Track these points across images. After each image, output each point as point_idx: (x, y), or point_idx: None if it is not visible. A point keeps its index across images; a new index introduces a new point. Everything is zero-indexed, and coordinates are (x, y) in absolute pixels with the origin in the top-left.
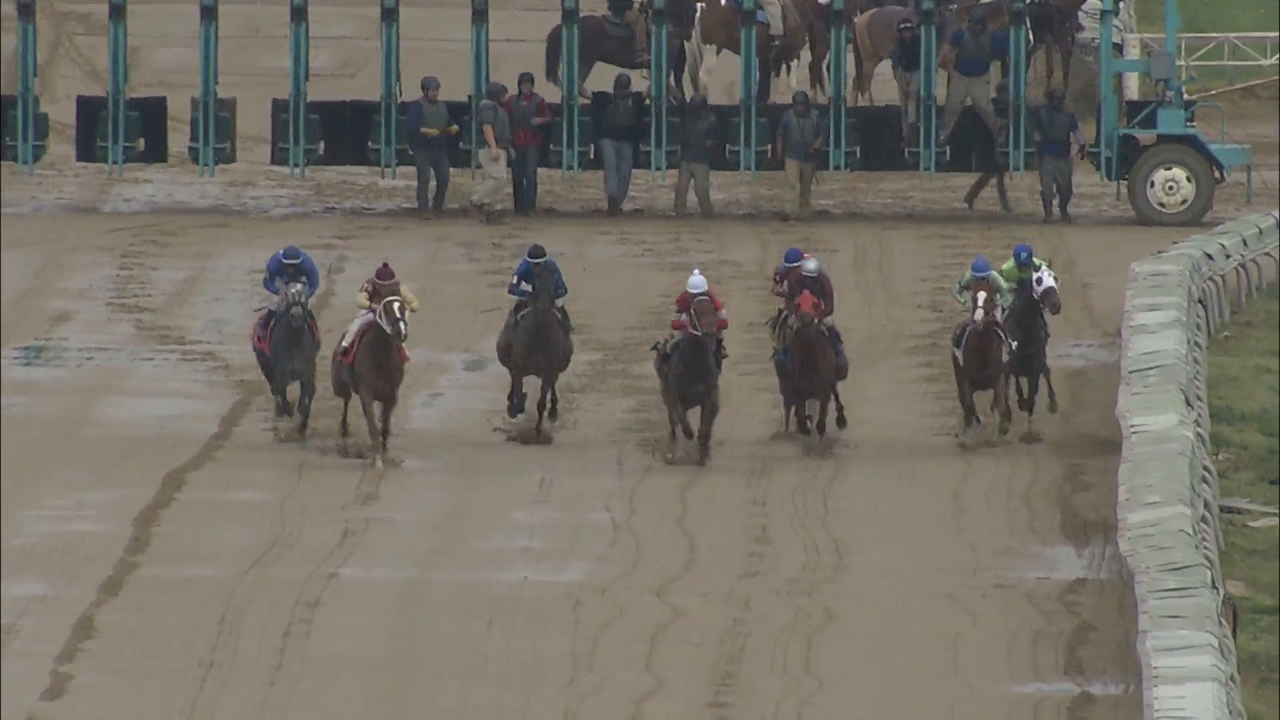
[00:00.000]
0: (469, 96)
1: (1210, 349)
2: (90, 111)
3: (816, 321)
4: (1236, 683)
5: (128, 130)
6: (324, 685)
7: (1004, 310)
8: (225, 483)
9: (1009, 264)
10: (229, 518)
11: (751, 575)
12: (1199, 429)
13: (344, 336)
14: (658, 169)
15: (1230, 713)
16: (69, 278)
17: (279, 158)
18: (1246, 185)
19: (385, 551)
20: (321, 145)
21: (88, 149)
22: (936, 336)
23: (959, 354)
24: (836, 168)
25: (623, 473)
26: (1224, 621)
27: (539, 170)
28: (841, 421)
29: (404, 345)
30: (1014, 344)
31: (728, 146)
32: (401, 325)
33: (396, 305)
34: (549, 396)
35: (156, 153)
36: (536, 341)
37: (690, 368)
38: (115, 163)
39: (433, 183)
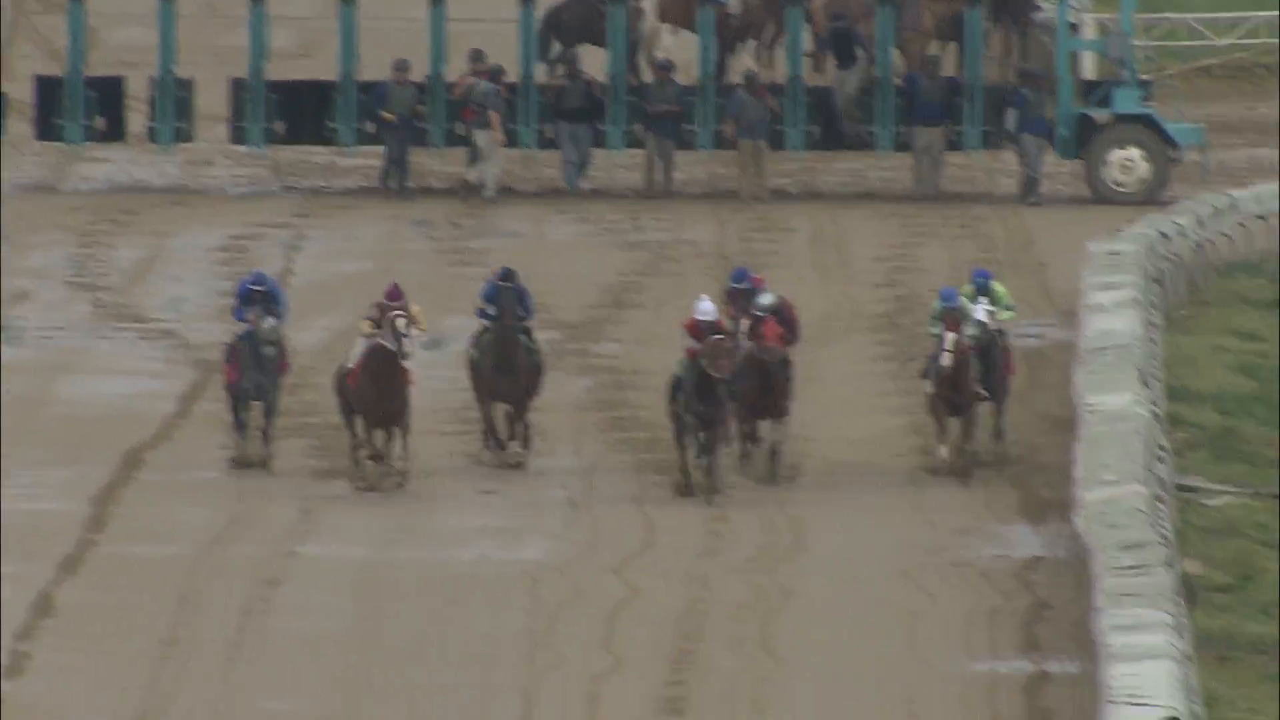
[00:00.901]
0: (426, 77)
1: (1166, 328)
2: (49, 91)
3: (783, 354)
4: (1193, 661)
5: (86, 109)
6: (283, 663)
7: (972, 337)
8: (184, 461)
9: (967, 287)
10: (188, 496)
11: (710, 554)
12: (1155, 408)
13: (348, 360)
14: (615, 148)
15: (1186, 691)
16: (27, 257)
17: (238, 137)
18: (1202, 165)
19: (344, 530)
20: (280, 124)
21: (46, 128)
22: (894, 315)
23: (928, 385)
24: (794, 147)
25: (581, 452)
26: (1180, 599)
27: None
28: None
29: (408, 366)
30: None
31: (684, 126)
32: (406, 343)
33: (401, 321)
34: (521, 426)
35: (115, 132)
36: (502, 362)
37: (700, 396)
38: (74, 142)
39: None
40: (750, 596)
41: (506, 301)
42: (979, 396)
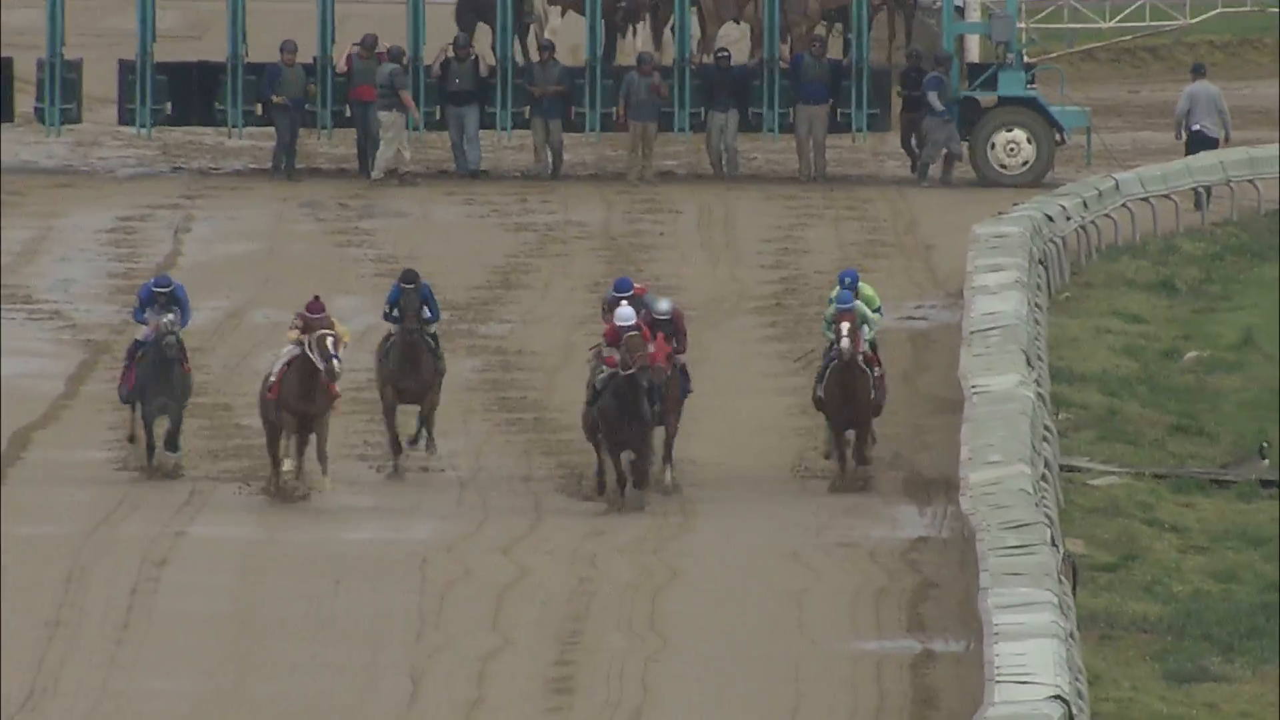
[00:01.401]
0: (314, 59)
1: (1051, 310)
2: None
3: (668, 374)
4: (1076, 639)
5: None
6: (171, 642)
7: (868, 341)
8: (72, 442)
9: (835, 290)
10: (76, 476)
11: (597, 534)
12: (1040, 389)
13: (270, 370)
14: (503, 129)
15: (1070, 669)
16: None
17: (126, 118)
18: (1086, 147)
19: (232, 510)
20: (168, 106)
21: None
22: (780, 296)
23: (820, 389)
24: (681, 129)
25: (469, 432)
26: (1064, 579)
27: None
28: (668, 457)
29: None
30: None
31: (574, 109)
32: (335, 363)
33: (330, 340)
34: (424, 430)
35: (3, 113)
36: (407, 364)
37: (623, 409)
38: None
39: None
40: (637, 576)
41: (410, 304)
42: (876, 408)
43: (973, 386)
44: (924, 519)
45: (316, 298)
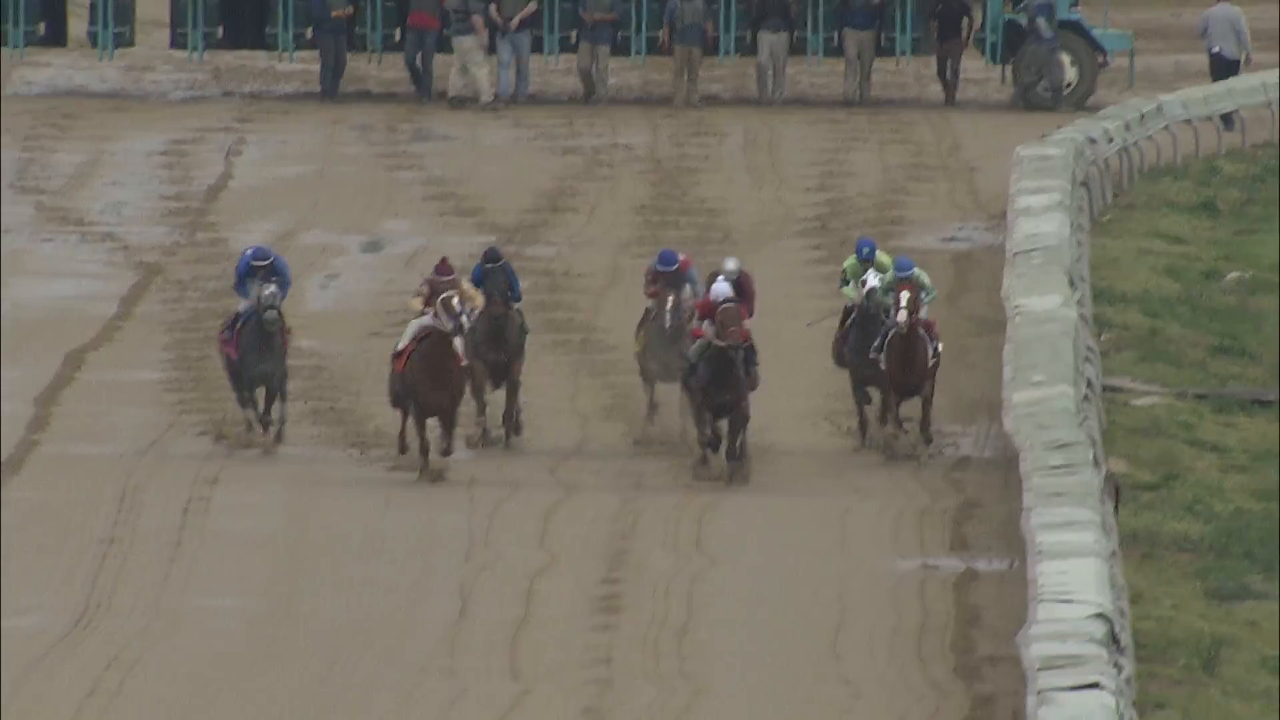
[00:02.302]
0: None
1: (1093, 231)
2: None
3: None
4: (1118, 558)
5: (28, 14)
6: (223, 561)
7: (927, 303)
8: (125, 362)
9: (849, 261)
10: (129, 397)
11: (643, 454)
12: (1082, 310)
13: (399, 340)
14: (551, 54)
15: (1112, 588)
16: None
17: (178, 42)
18: (1129, 70)
19: (289, 430)
20: (220, 29)
21: None
22: (825, 219)
23: (880, 357)
24: (726, 53)
25: None
26: (1106, 498)
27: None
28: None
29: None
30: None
31: (619, 32)
32: (464, 320)
33: (455, 300)
34: (514, 409)
35: (56, 37)
36: (491, 342)
37: (717, 378)
38: (16, 46)
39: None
40: (682, 497)
41: (495, 285)
42: (932, 371)
43: (1015, 307)
44: (967, 439)
45: (445, 260)
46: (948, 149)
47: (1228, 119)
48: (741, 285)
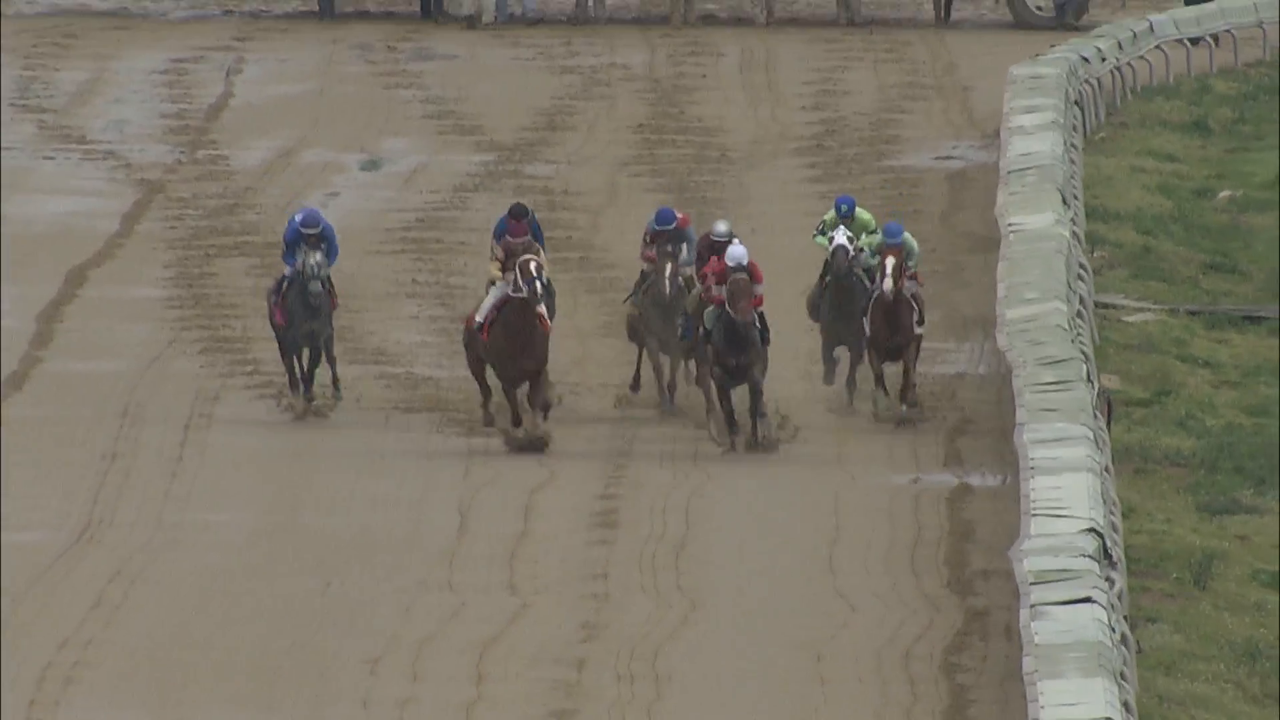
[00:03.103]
0: None
1: (1086, 150)
2: None
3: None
4: (1111, 473)
5: None
6: (224, 476)
7: (912, 268)
8: (127, 279)
9: (830, 214)
10: (130, 313)
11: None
12: (1075, 227)
13: (478, 308)
14: None
15: (1104, 502)
16: None
17: None
18: None
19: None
20: None
21: None
22: (821, 138)
23: (870, 321)
24: None
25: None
26: (1099, 414)
27: None
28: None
29: (544, 313)
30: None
31: None
32: (538, 285)
33: (533, 264)
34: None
35: None
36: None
37: (731, 344)
38: None
39: None
40: (679, 415)
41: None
42: (918, 337)
43: (1009, 225)
44: (961, 355)
45: (517, 219)
46: (942, 68)
47: (1196, 40)
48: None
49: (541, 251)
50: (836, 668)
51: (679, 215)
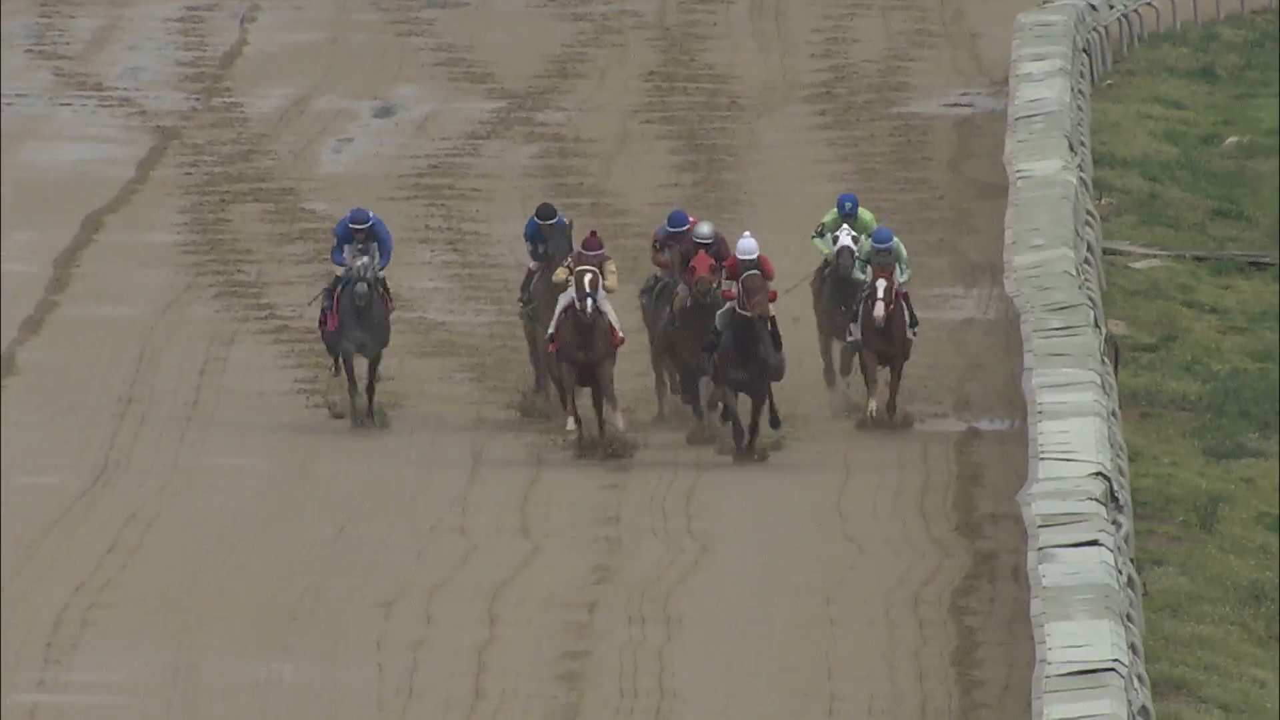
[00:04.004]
0: None
1: (1093, 96)
2: None
3: (715, 287)
4: (1118, 417)
5: None
6: (239, 420)
7: (904, 282)
8: (143, 225)
9: (830, 214)
10: (146, 259)
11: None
12: (1082, 174)
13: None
14: None
15: (1111, 446)
16: None
17: None
18: None
19: (303, 293)
20: None
21: None
22: (830, 85)
23: (856, 332)
24: None
25: (526, 218)
26: (1106, 359)
27: None
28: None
29: (616, 326)
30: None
31: None
32: (589, 302)
33: (588, 278)
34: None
35: None
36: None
37: (740, 350)
38: None
39: None
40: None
41: (557, 242)
42: (909, 342)
43: (1017, 172)
44: (970, 301)
45: (594, 233)
46: (951, 15)
47: None
48: (717, 246)
49: (606, 265)
50: (846, 611)
51: (691, 219)
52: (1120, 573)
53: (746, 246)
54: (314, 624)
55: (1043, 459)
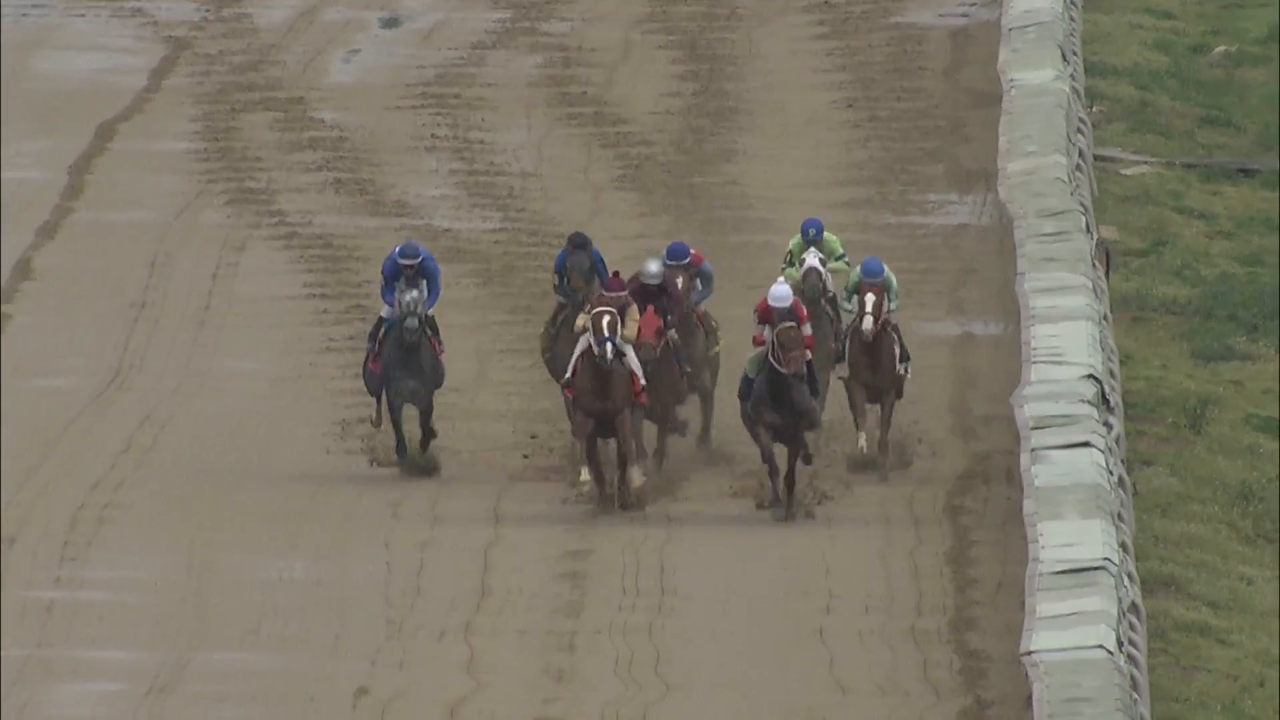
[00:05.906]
0: None
1: (1085, 6)
2: None
3: (656, 351)
4: (1109, 321)
5: None
6: (251, 325)
7: (894, 309)
8: (155, 133)
9: (795, 240)
10: (159, 166)
11: (647, 236)
12: (1075, 83)
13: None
14: None
15: (1103, 349)
16: None
17: None
18: None
19: (310, 196)
20: None
21: None
22: None
23: (843, 367)
24: None
25: (531, 126)
26: (1097, 264)
27: None
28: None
29: (638, 374)
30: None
31: None
32: (609, 347)
33: (606, 320)
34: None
35: None
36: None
37: (775, 398)
38: None
39: None
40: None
41: (580, 270)
42: (900, 378)
43: (1011, 80)
44: (964, 207)
45: (616, 274)
46: None
47: None
48: (667, 289)
49: (629, 311)
50: (840, 512)
51: (692, 251)
52: (1111, 473)
53: (780, 294)
54: (323, 523)
55: (1035, 362)
